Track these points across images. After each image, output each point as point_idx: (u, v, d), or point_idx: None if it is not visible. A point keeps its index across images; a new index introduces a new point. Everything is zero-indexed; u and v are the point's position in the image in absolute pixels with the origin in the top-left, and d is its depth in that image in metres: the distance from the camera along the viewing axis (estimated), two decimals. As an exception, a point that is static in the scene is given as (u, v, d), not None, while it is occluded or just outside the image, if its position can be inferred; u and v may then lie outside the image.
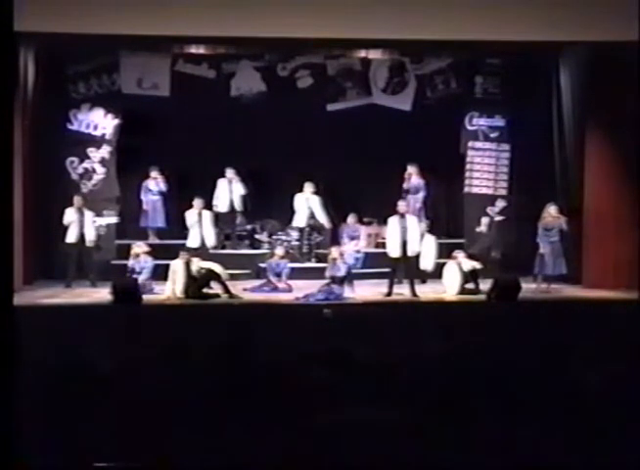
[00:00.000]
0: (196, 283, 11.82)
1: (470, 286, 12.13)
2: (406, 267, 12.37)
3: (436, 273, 12.74)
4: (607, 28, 11.23)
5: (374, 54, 13.69)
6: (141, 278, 11.99)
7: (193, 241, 12.95)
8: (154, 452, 3.70)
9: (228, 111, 14.24)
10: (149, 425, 3.90)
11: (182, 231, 13.31)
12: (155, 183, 14.09)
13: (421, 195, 14.01)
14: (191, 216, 13.00)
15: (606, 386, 4.32)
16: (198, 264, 11.91)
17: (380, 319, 7.68)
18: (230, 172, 13.99)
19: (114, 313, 9.37)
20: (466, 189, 14.48)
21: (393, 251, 12.03)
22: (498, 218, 14.17)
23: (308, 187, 13.85)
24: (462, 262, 12.22)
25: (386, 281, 12.12)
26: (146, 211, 14.14)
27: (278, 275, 12.83)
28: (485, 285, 11.57)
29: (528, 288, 11.71)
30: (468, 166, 14.48)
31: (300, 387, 4.33)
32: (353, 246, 13.89)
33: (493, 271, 12.51)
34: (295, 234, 14.26)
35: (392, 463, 3.63)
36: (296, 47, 13.37)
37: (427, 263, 12.97)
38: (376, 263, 13.44)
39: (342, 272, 11.80)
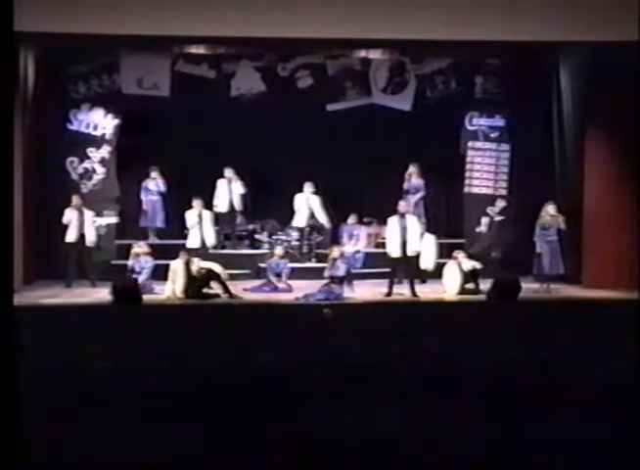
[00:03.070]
0: (196, 283, 11.81)
1: (470, 286, 12.12)
2: (406, 267, 12.37)
3: (436, 273, 12.73)
4: (607, 28, 11.22)
5: (374, 54, 13.68)
6: (141, 278, 11.99)
7: (193, 241, 12.94)
8: (153, 452, 3.69)
9: (228, 111, 14.22)
10: (148, 424, 3.90)
11: (182, 231, 13.31)
12: (154, 183, 14.09)
13: (421, 195, 14.03)
14: (191, 217, 13.00)
15: (606, 385, 4.32)
16: (198, 264, 11.91)
17: (380, 319, 7.69)
18: (229, 172, 13.98)
19: (114, 313, 9.37)
20: (466, 189, 14.48)
21: (393, 251, 12.03)
22: (498, 218, 14.17)
23: (308, 187, 13.84)
24: (462, 262, 12.22)
25: (386, 281, 12.12)
26: (145, 211, 14.14)
27: (278, 275, 12.83)
28: (485, 285, 11.57)
29: (528, 288, 11.71)
30: (468, 166, 14.48)
31: (301, 386, 4.33)
32: (353, 246, 13.89)
33: (493, 271, 12.51)
34: (295, 234, 14.26)
35: (392, 463, 3.63)
36: (296, 47, 13.36)
37: (427, 263, 12.96)
38: (376, 263, 13.43)
39: (341, 272, 11.79)
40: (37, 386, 4.36)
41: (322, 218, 14.04)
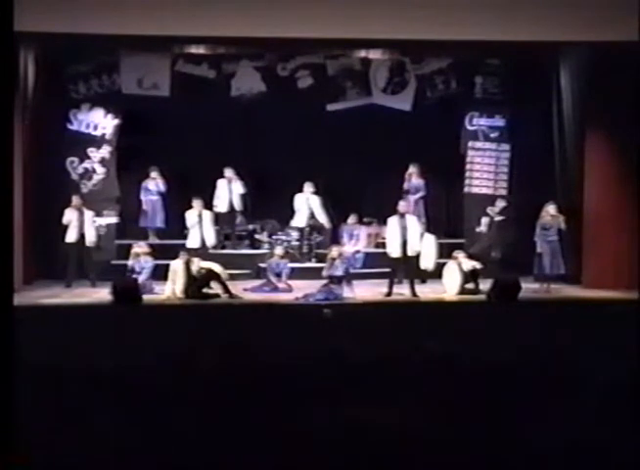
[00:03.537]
0: (196, 283, 11.82)
1: (470, 286, 12.13)
2: (406, 267, 12.38)
3: (436, 273, 12.74)
4: (607, 28, 11.23)
5: (374, 54, 13.69)
6: (141, 278, 11.99)
7: (193, 241, 12.95)
8: (154, 452, 3.70)
9: (228, 111, 14.24)
10: (149, 425, 3.90)
11: (182, 231, 13.32)
12: (154, 183, 14.10)
13: (421, 195, 14.04)
14: (191, 217, 13.01)
15: (606, 385, 4.32)
16: (198, 264, 11.92)
17: (380, 319, 7.68)
18: (229, 172, 13.99)
19: (114, 313, 9.36)
20: (466, 189, 14.49)
21: (394, 251, 12.04)
22: (498, 218, 14.17)
23: (308, 187, 13.85)
24: (462, 262, 12.23)
25: (386, 281, 12.12)
26: (145, 211, 14.15)
27: (278, 275, 12.83)
28: (485, 285, 11.57)
29: (528, 288, 11.71)
30: (468, 166, 14.49)
31: (301, 387, 4.33)
32: (353, 246, 13.89)
33: (493, 271, 12.51)
34: (295, 234, 14.27)
35: (392, 463, 3.63)
36: (296, 47, 13.37)
37: (427, 263, 12.97)
38: (376, 263, 13.44)
39: (339, 272, 11.81)
40: (37, 386, 4.35)
41: (322, 218, 14.05)
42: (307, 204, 13.91)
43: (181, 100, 14.00)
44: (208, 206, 13.54)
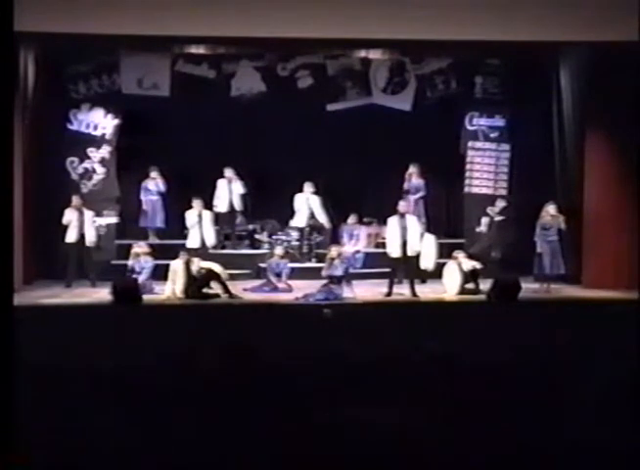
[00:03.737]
0: (196, 283, 11.82)
1: (470, 286, 12.13)
2: (406, 267, 12.38)
3: (436, 273, 12.74)
4: (607, 28, 11.23)
5: (374, 54, 13.69)
6: (141, 278, 11.99)
7: (193, 241, 12.95)
8: (154, 452, 3.69)
9: (228, 111, 14.24)
10: (149, 425, 3.90)
11: (182, 231, 13.32)
12: (154, 183, 14.10)
13: (421, 195, 14.04)
14: (191, 216, 13.01)
15: (606, 385, 4.32)
16: (198, 264, 11.92)
17: (380, 319, 7.68)
18: (229, 172, 14.00)
19: (114, 313, 9.36)
20: (466, 189, 14.49)
21: (394, 251, 12.04)
22: (498, 218, 14.17)
23: (308, 187, 13.85)
24: (462, 262, 12.23)
25: (386, 281, 12.12)
26: (145, 211, 14.15)
27: (278, 275, 12.83)
28: (485, 285, 11.56)
29: (528, 288, 11.70)
30: (468, 166, 14.49)
31: (301, 387, 4.33)
32: (353, 246, 13.89)
33: (493, 271, 12.51)
34: (295, 234, 14.27)
35: (392, 464, 3.62)
36: (296, 47, 13.37)
37: (427, 263, 12.97)
38: (376, 263, 13.44)
39: (339, 272, 11.81)
40: (37, 386, 4.35)
41: (322, 218, 14.05)
42: (307, 204, 13.91)
43: (181, 100, 14.01)
44: (208, 206, 13.54)
